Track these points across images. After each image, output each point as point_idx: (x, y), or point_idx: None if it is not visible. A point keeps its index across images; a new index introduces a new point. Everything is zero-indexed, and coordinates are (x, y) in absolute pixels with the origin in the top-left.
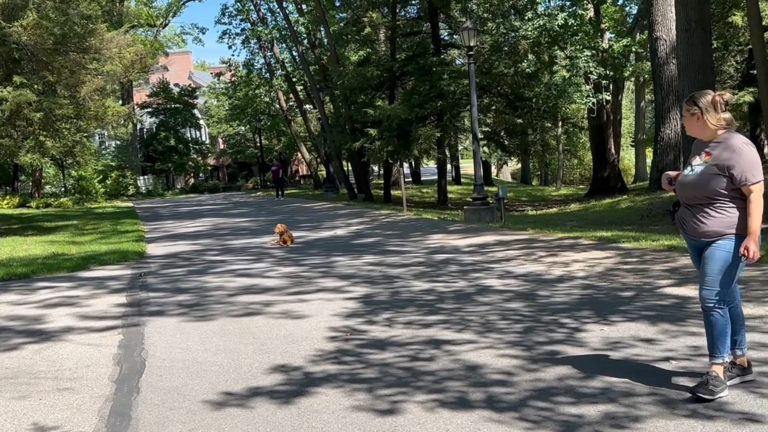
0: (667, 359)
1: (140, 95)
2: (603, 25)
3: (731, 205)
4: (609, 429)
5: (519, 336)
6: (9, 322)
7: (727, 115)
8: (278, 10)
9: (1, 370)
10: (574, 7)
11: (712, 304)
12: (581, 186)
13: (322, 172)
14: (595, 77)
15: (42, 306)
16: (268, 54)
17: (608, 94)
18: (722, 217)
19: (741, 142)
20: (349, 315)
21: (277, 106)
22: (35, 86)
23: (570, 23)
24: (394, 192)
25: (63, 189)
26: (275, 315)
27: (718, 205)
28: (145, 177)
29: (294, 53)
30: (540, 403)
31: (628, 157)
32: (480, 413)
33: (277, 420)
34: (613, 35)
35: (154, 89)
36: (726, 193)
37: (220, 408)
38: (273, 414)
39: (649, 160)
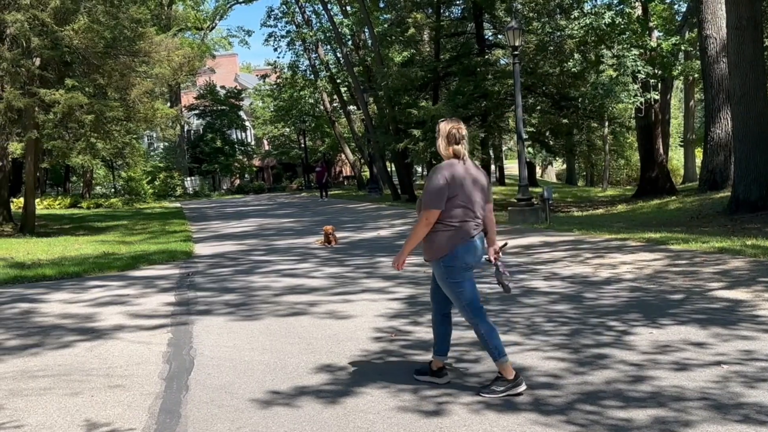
0: (718, 363)
1: (187, 97)
2: (651, 24)
3: (436, 229)
4: None
5: (565, 338)
6: (62, 320)
7: (457, 147)
8: (323, 12)
9: (54, 367)
10: (621, 6)
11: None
12: (628, 187)
13: (366, 173)
14: (643, 76)
15: (94, 304)
16: (313, 56)
17: (656, 93)
18: (431, 242)
19: (434, 170)
20: (394, 316)
21: (322, 107)
22: (86, 89)
23: (617, 22)
24: None
25: (113, 190)
26: (320, 315)
27: (431, 229)
28: (192, 178)
29: (338, 55)
30: (587, 406)
31: (676, 157)
32: (526, 416)
33: (323, 419)
34: (661, 33)
35: (201, 91)
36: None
37: (267, 407)
38: (319, 413)
39: (698, 161)
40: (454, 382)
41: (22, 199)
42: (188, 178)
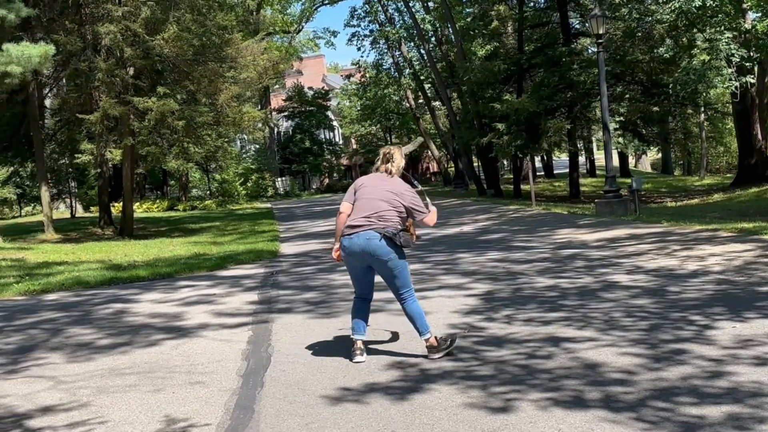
0: None
1: (277, 100)
2: (745, 5)
3: None
4: (730, 431)
5: (643, 333)
6: (151, 319)
7: (386, 165)
8: (405, 9)
9: (140, 364)
10: None
11: None
12: (728, 175)
13: (452, 169)
14: (738, 60)
15: (182, 304)
16: (396, 53)
17: (752, 77)
18: None
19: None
20: (469, 312)
21: (406, 104)
22: (177, 96)
23: (708, 4)
24: (524, 186)
25: (208, 192)
26: (396, 312)
27: None
28: (283, 178)
29: (421, 51)
30: (660, 403)
31: None
32: (595, 413)
33: (389, 415)
34: (756, 15)
35: (290, 93)
36: None
37: (336, 403)
38: (386, 410)
39: None
40: (521, 378)
41: (122, 203)
42: (279, 179)
